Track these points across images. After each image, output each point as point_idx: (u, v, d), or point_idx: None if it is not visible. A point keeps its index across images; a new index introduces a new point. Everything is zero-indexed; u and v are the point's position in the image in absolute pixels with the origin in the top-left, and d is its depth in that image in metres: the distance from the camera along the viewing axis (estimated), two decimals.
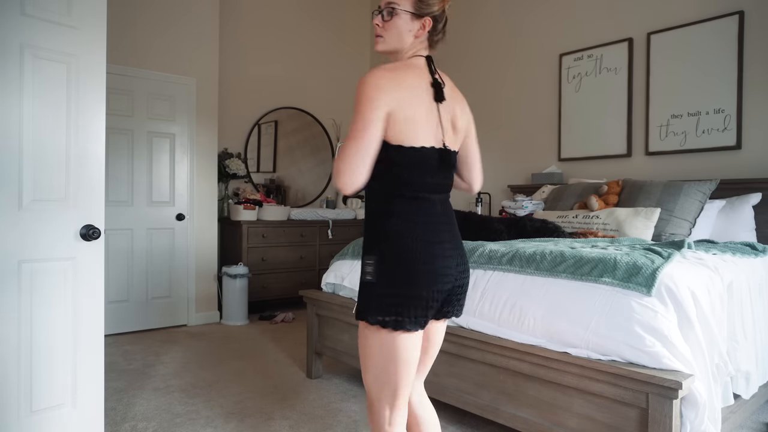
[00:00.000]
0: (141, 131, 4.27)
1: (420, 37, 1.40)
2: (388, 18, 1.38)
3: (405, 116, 1.29)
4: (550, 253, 2.12)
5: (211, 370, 3.27)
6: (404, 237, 1.31)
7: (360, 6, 6.11)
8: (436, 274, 1.32)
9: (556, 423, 1.92)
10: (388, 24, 1.38)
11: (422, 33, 1.39)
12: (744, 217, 3.07)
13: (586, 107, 4.15)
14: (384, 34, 1.40)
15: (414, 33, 1.38)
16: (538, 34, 4.52)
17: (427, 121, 1.33)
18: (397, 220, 1.32)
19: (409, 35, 1.38)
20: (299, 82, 5.61)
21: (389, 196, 1.34)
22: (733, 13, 3.37)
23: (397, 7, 1.37)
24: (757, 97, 3.31)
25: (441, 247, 1.35)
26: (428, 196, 1.36)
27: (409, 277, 1.30)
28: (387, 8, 1.38)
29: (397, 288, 1.30)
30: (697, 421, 1.66)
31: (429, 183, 1.36)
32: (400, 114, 1.29)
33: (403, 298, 1.29)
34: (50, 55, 1.83)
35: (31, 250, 1.78)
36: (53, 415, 1.86)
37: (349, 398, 2.80)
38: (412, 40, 1.39)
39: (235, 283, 4.47)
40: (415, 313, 1.30)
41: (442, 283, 1.34)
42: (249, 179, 5.22)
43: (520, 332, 2.06)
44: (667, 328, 1.72)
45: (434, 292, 1.32)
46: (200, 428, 2.42)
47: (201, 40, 4.55)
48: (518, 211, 3.71)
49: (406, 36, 1.38)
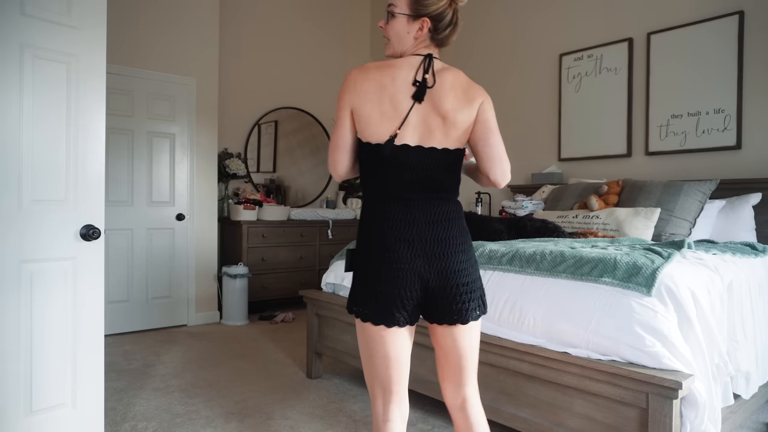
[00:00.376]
0: (141, 131, 4.27)
1: (420, 37, 1.40)
2: (389, 21, 1.43)
3: (362, 114, 1.36)
4: (550, 253, 2.12)
5: (211, 370, 3.27)
6: (364, 232, 1.42)
7: (360, 6, 6.11)
8: (389, 273, 1.35)
9: (556, 423, 1.92)
10: (389, 27, 1.43)
11: (421, 34, 1.39)
12: (744, 217, 3.07)
13: (586, 107, 4.15)
14: (388, 37, 1.45)
15: (413, 34, 1.40)
16: (538, 35, 4.52)
17: (386, 118, 1.35)
18: (365, 215, 1.44)
19: (408, 37, 1.40)
20: (299, 82, 5.61)
21: (365, 193, 1.46)
22: (733, 13, 3.37)
23: (395, 10, 1.40)
24: (757, 97, 3.31)
25: (399, 245, 1.35)
26: (400, 193, 1.37)
27: (365, 274, 1.39)
28: (388, 11, 1.43)
29: (362, 285, 1.39)
30: (697, 421, 1.66)
31: (396, 181, 1.38)
32: (360, 111, 1.36)
33: (369, 292, 1.37)
34: (50, 55, 1.83)
35: (31, 250, 1.78)
36: (53, 415, 1.86)
37: (349, 398, 2.80)
38: (412, 41, 1.41)
39: (235, 283, 4.47)
40: (375, 307, 1.36)
41: (399, 283, 1.34)
42: (249, 179, 5.22)
43: (520, 332, 2.06)
44: (667, 328, 1.72)
45: (394, 289, 1.34)
46: (200, 428, 2.42)
47: (201, 40, 4.55)
48: (518, 211, 3.71)
49: (405, 38, 1.41)
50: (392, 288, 1.34)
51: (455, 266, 1.38)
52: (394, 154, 1.35)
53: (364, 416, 2.56)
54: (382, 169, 1.38)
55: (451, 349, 1.43)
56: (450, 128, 1.37)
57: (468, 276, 1.40)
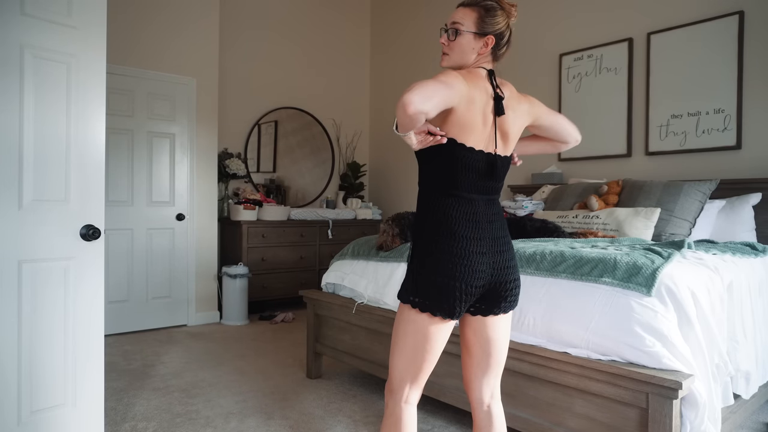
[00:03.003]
0: (141, 131, 4.27)
1: (484, 54, 1.49)
2: (452, 37, 1.47)
3: (467, 118, 1.40)
4: (550, 253, 2.12)
5: (211, 370, 3.27)
6: (432, 226, 1.45)
7: (360, 6, 6.11)
8: (459, 267, 1.40)
9: (556, 423, 1.92)
10: (454, 43, 1.48)
11: (486, 50, 1.48)
12: (744, 217, 3.07)
13: (586, 107, 4.15)
14: (449, 52, 1.50)
15: (477, 50, 1.48)
16: (538, 34, 4.52)
17: (485, 127, 1.44)
18: (433, 210, 1.47)
19: (473, 53, 1.48)
20: (299, 82, 5.61)
21: (433, 188, 1.48)
22: (733, 13, 3.37)
23: (461, 28, 1.46)
24: (757, 97, 3.31)
25: (468, 243, 1.41)
26: (468, 195, 1.45)
27: (430, 266, 1.42)
28: (452, 28, 1.47)
29: (426, 276, 1.42)
30: (697, 421, 1.66)
31: (474, 183, 1.46)
32: (465, 115, 1.39)
33: (432, 283, 1.41)
34: (50, 55, 1.83)
35: (31, 250, 1.78)
36: (53, 415, 1.86)
37: (349, 398, 2.80)
38: (475, 56, 1.48)
39: (235, 283, 4.47)
40: (439, 298, 1.40)
41: (466, 278, 1.40)
42: (249, 179, 5.22)
43: (520, 332, 2.06)
44: (667, 328, 1.72)
45: (461, 284, 1.39)
46: (200, 428, 2.42)
47: (201, 40, 4.55)
48: (518, 211, 3.71)
49: (470, 54, 1.48)
50: (460, 282, 1.40)
51: (512, 262, 1.51)
52: (488, 161, 1.45)
53: (364, 416, 2.56)
54: (463, 171, 1.43)
55: (491, 341, 1.53)
56: (506, 138, 1.50)
57: (518, 272, 1.54)
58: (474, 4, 1.47)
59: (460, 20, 1.47)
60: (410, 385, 1.48)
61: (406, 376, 1.47)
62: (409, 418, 1.47)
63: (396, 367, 1.48)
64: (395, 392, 1.48)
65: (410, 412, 1.48)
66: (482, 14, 1.45)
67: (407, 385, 1.47)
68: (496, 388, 1.56)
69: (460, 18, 1.47)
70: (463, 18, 1.46)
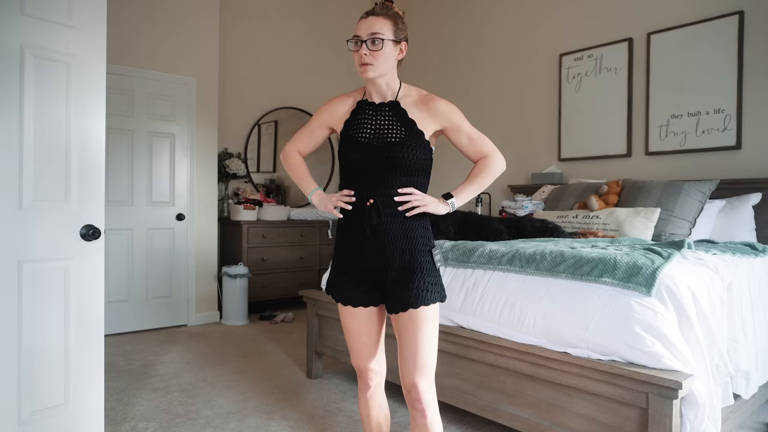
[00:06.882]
0: (141, 131, 4.27)
1: (399, 59, 1.60)
2: (375, 47, 1.53)
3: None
4: (550, 253, 2.12)
5: (211, 370, 3.27)
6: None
7: (360, 7, 6.11)
8: None
9: (556, 423, 1.92)
10: (377, 53, 1.54)
11: (401, 56, 1.60)
12: (744, 217, 3.07)
13: (586, 107, 4.15)
14: (373, 62, 1.55)
15: (396, 57, 1.58)
16: (538, 34, 4.52)
17: None
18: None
19: (393, 60, 1.58)
20: (299, 82, 5.61)
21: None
22: (733, 13, 3.37)
23: (382, 37, 1.54)
24: (757, 97, 3.31)
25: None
26: None
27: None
28: (371, 38, 1.53)
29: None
30: (697, 421, 1.66)
31: None
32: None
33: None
34: (50, 55, 1.82)
35: (31, 250, 1.78)
36: (53, 415, 1.85)
37: (349, 398, 2.80)
38: (394, 63, 1.59)
39: (235, 283, 4.47)
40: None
41: None
42: (249, 179, 5.22)
43: (520, 332, 2.06)
44: (667, 328, 1.72)
45: None
46: (200, 428, 2.42)
47: (201, 40, 4.55)
48: (518, 211, 3.71)
49: (392, 61, 1.58)
50: None
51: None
52: None
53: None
54: None
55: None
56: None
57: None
58: (385, 14, 1.56)
59: (378, 30, 1.53)
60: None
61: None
62: None
63: (433, 361, 1.60)
64: (432, 384, 1.60)
65: None
66: (397, 22, 1.56)
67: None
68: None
69: (378, 28, 1.53)
70: (381, 27, 1.54)
